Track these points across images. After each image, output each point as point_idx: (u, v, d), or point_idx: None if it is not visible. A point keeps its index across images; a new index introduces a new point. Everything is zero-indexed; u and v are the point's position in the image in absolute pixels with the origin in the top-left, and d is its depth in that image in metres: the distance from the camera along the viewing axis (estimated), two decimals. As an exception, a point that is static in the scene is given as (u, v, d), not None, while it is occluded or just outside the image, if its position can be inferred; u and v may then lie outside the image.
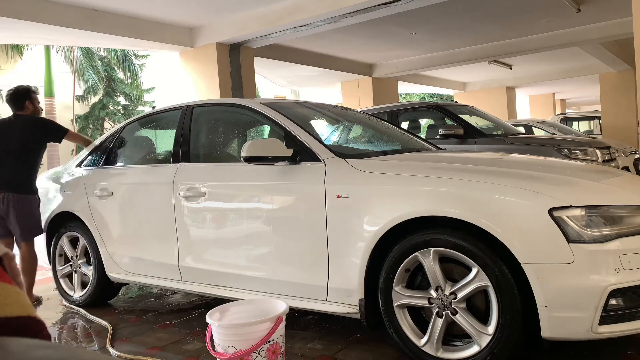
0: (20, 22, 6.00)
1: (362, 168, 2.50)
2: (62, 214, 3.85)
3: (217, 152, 3.46)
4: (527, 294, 2.00)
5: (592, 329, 1.93)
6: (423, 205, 2.24)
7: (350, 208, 2.43)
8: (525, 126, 9.42)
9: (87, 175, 3.73)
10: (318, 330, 2.95)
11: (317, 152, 2.65)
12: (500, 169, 2.43)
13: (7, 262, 0.57)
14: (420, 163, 2.65)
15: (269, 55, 8.89)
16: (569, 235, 1.95)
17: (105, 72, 14.92)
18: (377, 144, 3.68)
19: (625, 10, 6.37)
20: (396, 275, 2.30)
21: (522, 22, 8.50)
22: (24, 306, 0.49)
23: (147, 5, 6.51)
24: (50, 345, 0.42)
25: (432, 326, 2.23)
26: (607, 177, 2.42)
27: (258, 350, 2.16)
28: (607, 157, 5.46)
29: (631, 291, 1.95)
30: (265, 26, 6.98)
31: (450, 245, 2.15)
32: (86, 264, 3.79)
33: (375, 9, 6.28)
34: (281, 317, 2.25)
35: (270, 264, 2.76)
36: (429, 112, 6.82)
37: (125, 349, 2.86)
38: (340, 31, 7.87)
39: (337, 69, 10.61)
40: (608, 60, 11.93)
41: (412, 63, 11.11)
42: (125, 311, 3.65)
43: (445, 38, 9.39)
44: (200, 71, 7.76)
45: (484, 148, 5.47)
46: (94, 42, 8.52)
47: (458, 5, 7.09)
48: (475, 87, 15.95)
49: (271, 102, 3.19)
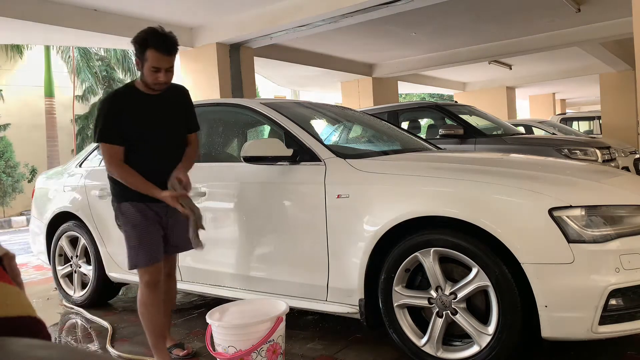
0: (21, 22, 6.00)
1: (362, 168, 2.50)
2: (62, 213, 3.85)
3: (217, 152, 3.46)
4: (527, 294, 2.00)
5: (592, 329, 1.93)
6: (423, 205, 2.24)
7: (350, 208, 2.43)
8: (525, 126, 9.42)
9: (87, 175, 3.73)
10: (318, 330, 2.95)
11: (317, 152, 2.65)
12: (500, 169, 2.43)
13: (7, 262, 0.57)
14: (421, 163, 2.65)
15: (269, 55, 8.89)
16: (569, 235, 1.95)
17: (105, 72, 14.91)
18: (377, 144, 3.68)
19: (625, 10, 6.36)
20: (396, 275, 2.30)
21: (522, 22, 8.50)
22: (24, 306, 0.49)
23: (147, 5, 6.51)
24: (50, 345, 0.42)
25: (432, 326, 2.23)
26: (607, 177, 2.42)
27: (258, 350, 2.16)
28: (607, 157, 5.47)
29: (631, 291, 1.95)
30: (265, 26, 6.98)
31: (450, 245, 2.15)
32: (86, 264, 3.79)
33: (375, 9, 6.28)
34: (281, 317, 2.25)
35: (271, 264, 2.76)
36: (429, 112, 6.82)
37: (125, 349, 2.86)
38: (340, 31, 7.87)
39: (337, 69, 10.61)
40: (608, 60, 11.92)
41: (412, 63, 11.11)
42: (125, 311, 3.65)
43: (445, 38, 9.39)
44: (200, 71, 7.76)
45: (484, 148, 5.47)
46: (94, 42, 8.53)
47: (458, 5, 7.08)
48: (475, 87, 15.94)
49: (271, 102, 3.18)
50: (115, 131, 2.37)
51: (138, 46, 2.33)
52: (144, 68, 2.34)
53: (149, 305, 2.47)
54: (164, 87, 2.42)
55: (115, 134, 2.37)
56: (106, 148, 2.39)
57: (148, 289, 2.45)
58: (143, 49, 2.31)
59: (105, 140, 2.38)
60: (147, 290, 2.46)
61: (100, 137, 2.38)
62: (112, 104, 2.41)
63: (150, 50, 2.30)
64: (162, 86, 2.41)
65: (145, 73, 2.36)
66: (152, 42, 2.29)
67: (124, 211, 2.45)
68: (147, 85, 2.41)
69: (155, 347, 2.46)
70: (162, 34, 2.32)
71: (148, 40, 2.30)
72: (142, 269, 2.44)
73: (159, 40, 2.30)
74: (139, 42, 2.32)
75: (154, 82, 2.37)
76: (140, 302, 2.49)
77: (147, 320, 2.48)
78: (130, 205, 2.44)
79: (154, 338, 2.47)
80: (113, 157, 2.37)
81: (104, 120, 2.38)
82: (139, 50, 2.34)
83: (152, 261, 2.43)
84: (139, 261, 2.43)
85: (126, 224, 2.45)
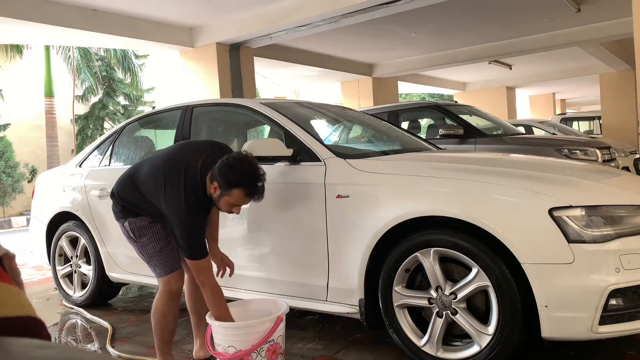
0: (20, 22, 6.00)
1: (362, 168, 2.50)
2: (62, 214, 3.85)
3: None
4: (527, 294, 2.00)
5: (592, 329, 1.93)
6: (423, 205, 2.24)
7: (350, 208, 2.43)
8: (525, 126, 9.41)
9: (87, 175, 3.73)
10: (318, 330, 2.95)
11: (317, 152, 2.65)
12: (501, 169, 2.43)
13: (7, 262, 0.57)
14: (421, 163, 2.65)
15: (269, 55, 8.89)
16: (569, 235, 1.95)
17: (105, 72, 14.90)
18: (377, 144, 3.68)
19: (625, 10, 6.37)
20: (396, 275, 2.30)
21: (522, 22, 8.50)
22: (24, 306, 0.49)
23: (147, 5, 6.51)
24: (50, 345, 0.42)
25: (432, 326, 2.23)
26: (607, 177, 2.42)
27: (258, 350, 2.16)
28: (607, 157, 5.46)
29: (631, 291, 1.95)
30: (265, 26, 6.98)
31: (450, 245, 2.15)
32: (86, 264, 3.79)
33: (375, 9, 6.28)
34: (281, 317, 2.25)
35: (270, 264, 2.76)
36: (429, 112, 6.82)
37: (125, 349, 2.86)
38: (340, 31, 7.87)
39: (337, 69, 10.62)
40: (608, 60, 11.92)
41: (412, 63, 11.12)
42: (125, 311, 3.65)
43: (445, 38, 9.39)
44: (200, 71, 7.76)
45: (484, 148, 5.47)
46: (93, 42, 8.53)
47: (458, 5, 7.09)
48: (475, 87, 15.95)
49: (271, 102, 3.18)
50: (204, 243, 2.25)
51: (228, 177, 2.14)
52: (222, 198, 2.18)
53: (169, 314, 2.38)
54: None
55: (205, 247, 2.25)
56: (204, 264, 2.23)
57: (170, 297, 2.36)
58: (233, 185, 2.14)
59: (204, 255, 2.23)
60: (169, 299, 2.36)
61: (195, 253, 2.20)
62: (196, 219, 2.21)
63: (239, 190, 2.15)
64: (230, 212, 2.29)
65: (221, 202, 2.21)
66: (245, 184, 2.14)
67: (139, 225, 2.36)
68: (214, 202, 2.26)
69: (160, 349, 2.45)
70: (257, 180, 2.17)
71: (242, 182, 2.14)
72: (169, 277, 2.35)
73: (254, 187, 2.16)
74: (233, 177, 2.13)
75: (227, 212, 2.26)
76: (158, 309, 2.38)
77: (160, 328, 2.40)
78: (143, 219, 2.36)
79: (162, 343, 2.43)
80: (210, 269, 2.26)
81: (194, 234, 2.18)
82: (225, 181, 2.14)
83: (178, 266, 2.38)
84: (166, 268, 2.35)
85: (145, 236, 2.35)
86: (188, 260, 2.24)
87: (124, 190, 2.40)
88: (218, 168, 2.17)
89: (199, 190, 2.22)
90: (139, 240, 2.38)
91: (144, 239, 2.37)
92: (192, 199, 2.17)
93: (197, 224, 2.21)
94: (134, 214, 2.37)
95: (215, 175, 2.18)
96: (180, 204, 2.16)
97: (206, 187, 2.24)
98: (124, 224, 2.40)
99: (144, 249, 2.38)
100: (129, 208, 2.38)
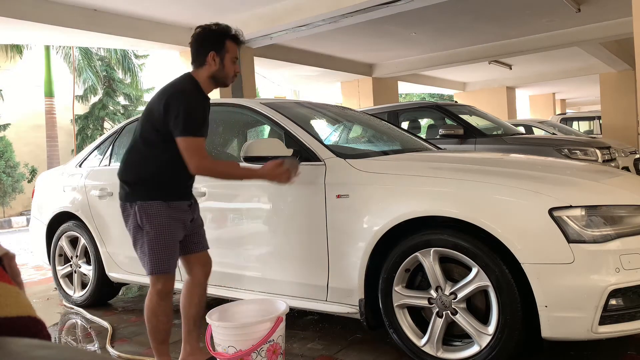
0: (20, 22, 6.00)
1: (362, 168, 2.50)
2: (62, 213, 3.85)
3: (217, 152, 3.46)
4: (527, 294, 2.00)
5: (592, 329, 1.93)
6: (423, 205, 2.24)
7: (350, 208, 2.43)
8: (525, 126, 9.41)
9: (87, 175, 3.73)
10: (318, 330, 2.95)
11: (317, 152, 2.65)
12: (501, 169, 2.43)
13: (7, 262, 0.57)
14: (421, 163, 2.65)
15: (269, 55, 8.89)
16: (569, 235, 1.95)
17: (105, 72, 14.91)
18: (377, 144, 3.68)
19: (625, 10, 6.36)
20: (396, 275, 2.30)
21: (522, 22, 8.50)
22: (24, 306, 0.49)
23: (147, 5, 6.51)
24: (50, 345, 0.42)
25: (432, 326, 2.23)
26: (607, 177, 2.42)
27: (258, 350, 2.16)
28: (607, 157, 5.46)
29: (631, 291, 1.95)
30: (265, 26, 6.98)
31: (451, 245, 2.15)
32: (86, 264, 3.79)
33: (375, 9, 6.28)
34: (281, 317, 2.25)
35: (270, 264, 2.76)
36: (429, 112, 6.82)
37: (125, 349, 2.86)
38: (340, 31, 7.87)
39: (337, 69, 10.62)
40: (608, 60, 11.92)
41: (412, 63, 11.11)
42: (125, 311, 3.65)
43: (445, 38, 9.39)
44: (200, 71, 7.75)
45: (484, 148, 5.47)
46: (94, 42, 8.53)
47: (458, 5, 7.09)
48: (475, 87, 15.95)
49: (271, 102, 3.18)
50: (199, 124, 2.22)
51: (215, 39, 2.26)
52: (225, 60, 2.29)
53: (160, 314, 2.31)
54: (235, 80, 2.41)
55: (199, 127, 2.22)
56: (197, 142, 2.18)
57: (160, 297, 2.27)
58: (221, 41, 2.27)
59: (195, 133, 2.18)
60: (158, 299, 2.28)
61: (185, 130, 2.14)
62: (190, 100, 2.20)
63: (229, 41, 2.28)
64: (236, 78, 2.39)
65: (226, 65, 2.29)
66: (229, 34, 2.29)
67: (151, 212, 2.22)
68: (216, 83, 2.33)
69: (156, 350, 2.42)
70: (231, 27, 2.32)
71: (226, 33, 2.28)
72: (159, 276, 2.25)
73: (233, 31, 2.31)
74: (217, 35, 2.27)
75: (236, 72, 2.35)
76: (149, 309, 2.30)
77: (154, 328, 2.33)
78: (159, 205, 2.22)
79: (157, 343, 2.37)
80: (203, 150, 2.21)
81: (186, 114, 2.15)
82: (215, 44, 2.26)
83: (173, 269, 2.30)
84: (161, 267, 2.24)
85: (151, 225, 2.21)
86: (181, 144, 2.17)
87: (130, 160, 2.38)
88: (198, 44, 2.28)
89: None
90: (144, 228, 2.24)
91: (148, 227, 2.23)
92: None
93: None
94: (143, 196, 2.25)
95: (206, 49, 2.26)
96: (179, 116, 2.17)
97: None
98: (135, 207, 2.25)
99: (147, 237, 2.23)
100: (140, 184, 2.27)
